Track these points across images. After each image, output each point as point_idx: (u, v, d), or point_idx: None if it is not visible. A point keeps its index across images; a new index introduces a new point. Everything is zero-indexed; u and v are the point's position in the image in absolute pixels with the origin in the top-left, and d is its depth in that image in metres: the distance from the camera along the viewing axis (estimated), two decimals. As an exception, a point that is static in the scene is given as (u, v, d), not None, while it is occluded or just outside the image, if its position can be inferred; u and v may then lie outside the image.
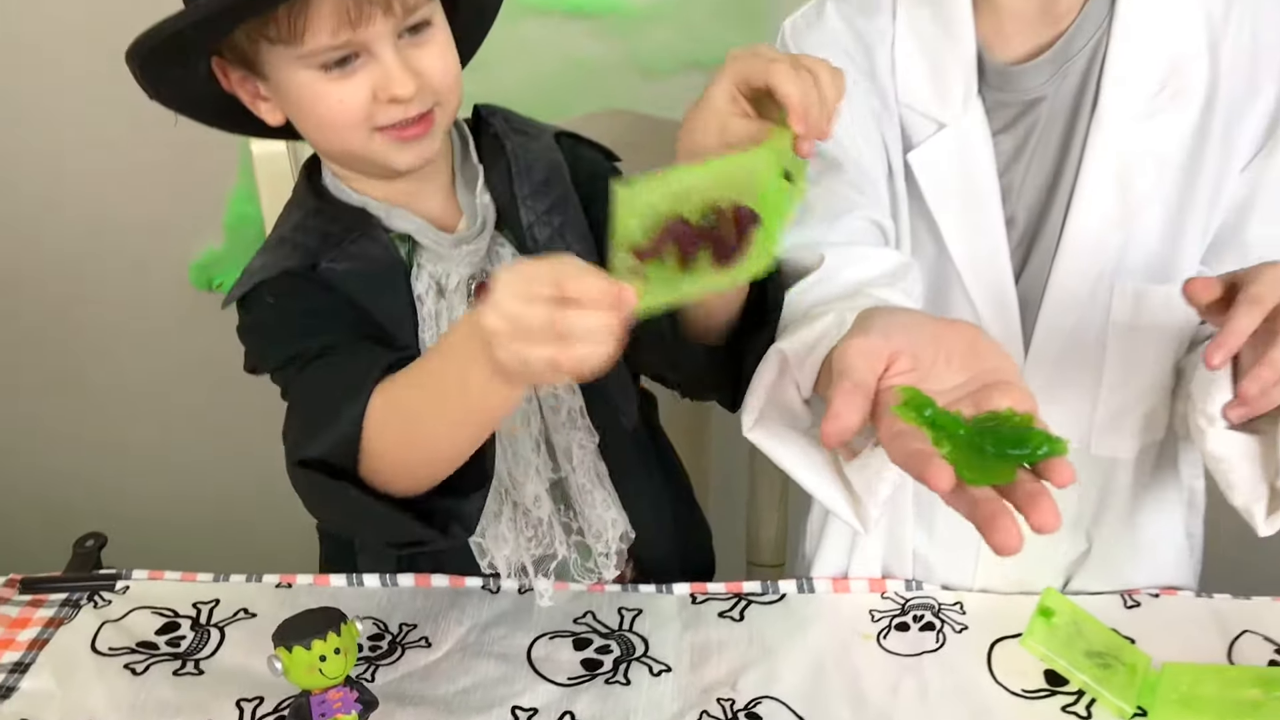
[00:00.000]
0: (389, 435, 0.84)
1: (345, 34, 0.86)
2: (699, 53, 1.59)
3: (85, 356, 1.87)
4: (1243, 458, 0.91)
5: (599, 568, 1.05)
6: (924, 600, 1.03)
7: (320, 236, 0.96)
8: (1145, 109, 0.98)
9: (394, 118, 0.90)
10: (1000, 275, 1.02)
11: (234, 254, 1.79)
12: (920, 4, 1.01)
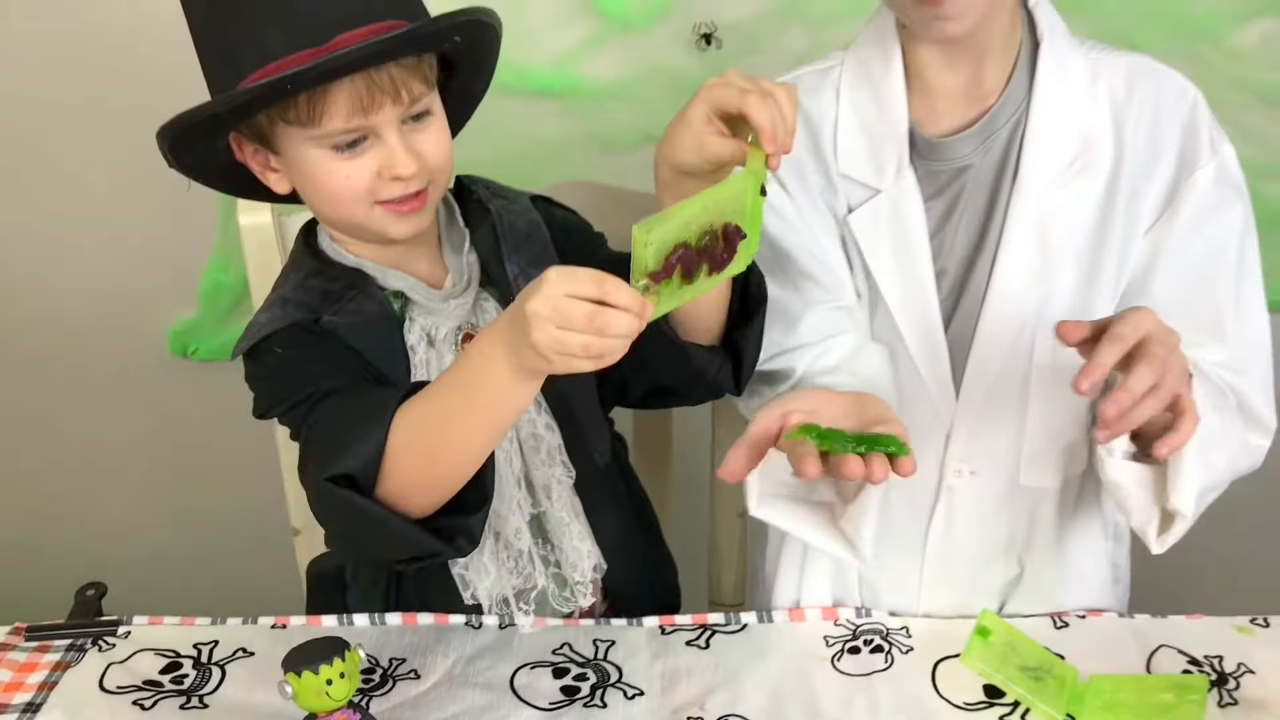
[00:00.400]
0: (413, 450, 0.94)
1: (358, 119, 0.96)
2: (655, 129, 1.66)
3: (63, 420, 1.92)
4: (1137, 485, 1.03)
5: (575, 596, 1.14)
6: (873, 626, 1.13)
7: (321, 294, 1.05)
8: (1059, 178, 1.10)
9: (395, 193, 1.00)
10: (931, 324, 1.13)
11: (209, 322, 1.86)
12: (860, 87, 1.14)
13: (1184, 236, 1.11)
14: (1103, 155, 1.10)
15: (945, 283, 1.14)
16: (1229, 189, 1.12)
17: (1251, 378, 1.12)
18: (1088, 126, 1.11)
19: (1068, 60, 1.11)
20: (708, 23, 1.64)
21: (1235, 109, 1.64)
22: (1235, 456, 1.09)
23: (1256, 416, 1.12)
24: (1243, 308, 1.11)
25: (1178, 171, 1.11)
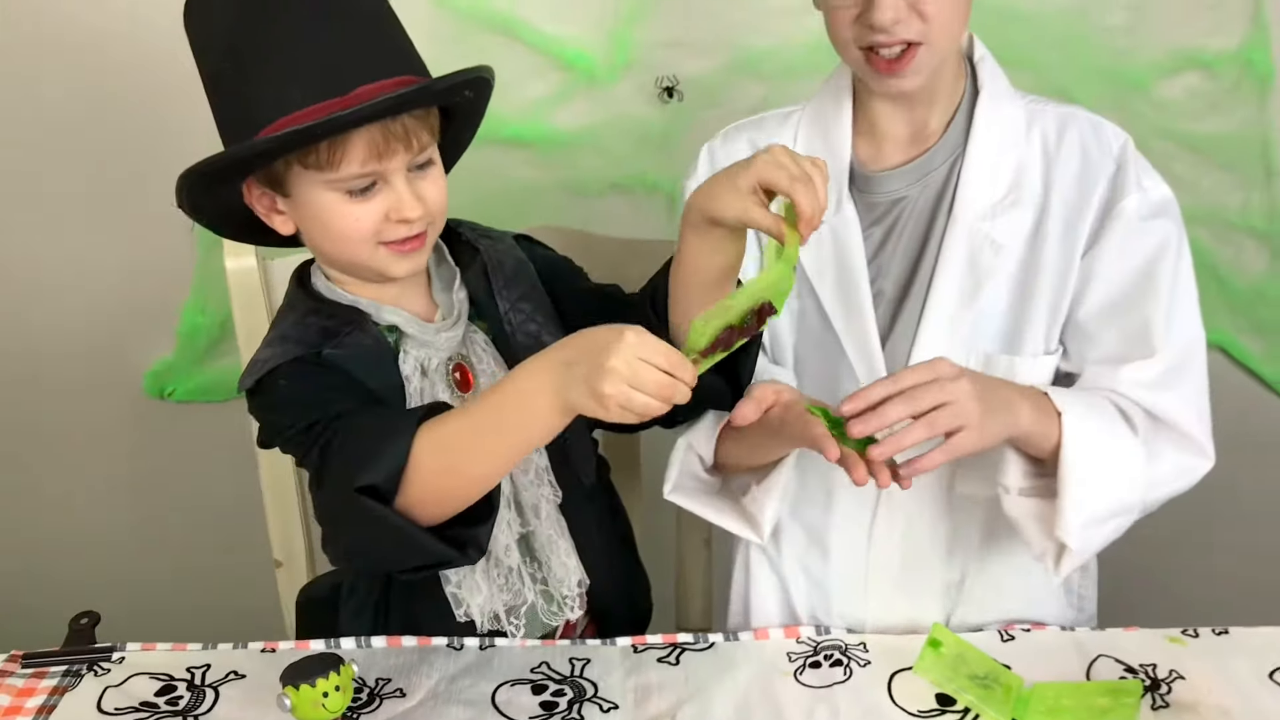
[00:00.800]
0: (436, 466, 1.00)
1: (372, 165, 1.04)
2: (620, 176, 1.79)
3: (41, 456, 1.96)
4: (1030, 518, 1.14)
5: (563, 610, 1.20)
6: (832, 642, 1.20)
7: (319, 331, 1.12)
8: (992, 211, 1.21)
9: (399, 235, 1.07)
10: (869, 339, 1.23)
11: (186, 363, 1.91)
12: (814, 131, 1.27)
13: (1113, 259, 1.20)
14: (1032, 192, 1.21)
15: (882, 302, 1.24)
16: (1158, 217, 1.21)
17: (1179, 392, 1.18)
18: (1019, 166, 1.22)
19: (1004, 108, 1.22)
20: (669, 77, 1.73)
21: (1163, 157, 1.73)
22: (1156, 481, 1.16)
23: (1186, 435, 1.18)
24: (1173, 323, 1.19)
25: (1108, 203, 1.20)
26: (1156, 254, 1.20)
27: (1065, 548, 1.12)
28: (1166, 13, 1.70)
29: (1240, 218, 1.79)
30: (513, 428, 1.00)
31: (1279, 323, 1.84)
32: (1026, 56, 1.69)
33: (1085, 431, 1.12)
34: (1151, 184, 1.21)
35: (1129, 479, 1.14)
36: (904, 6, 1.11)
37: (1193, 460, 1.19)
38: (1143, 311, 1.19)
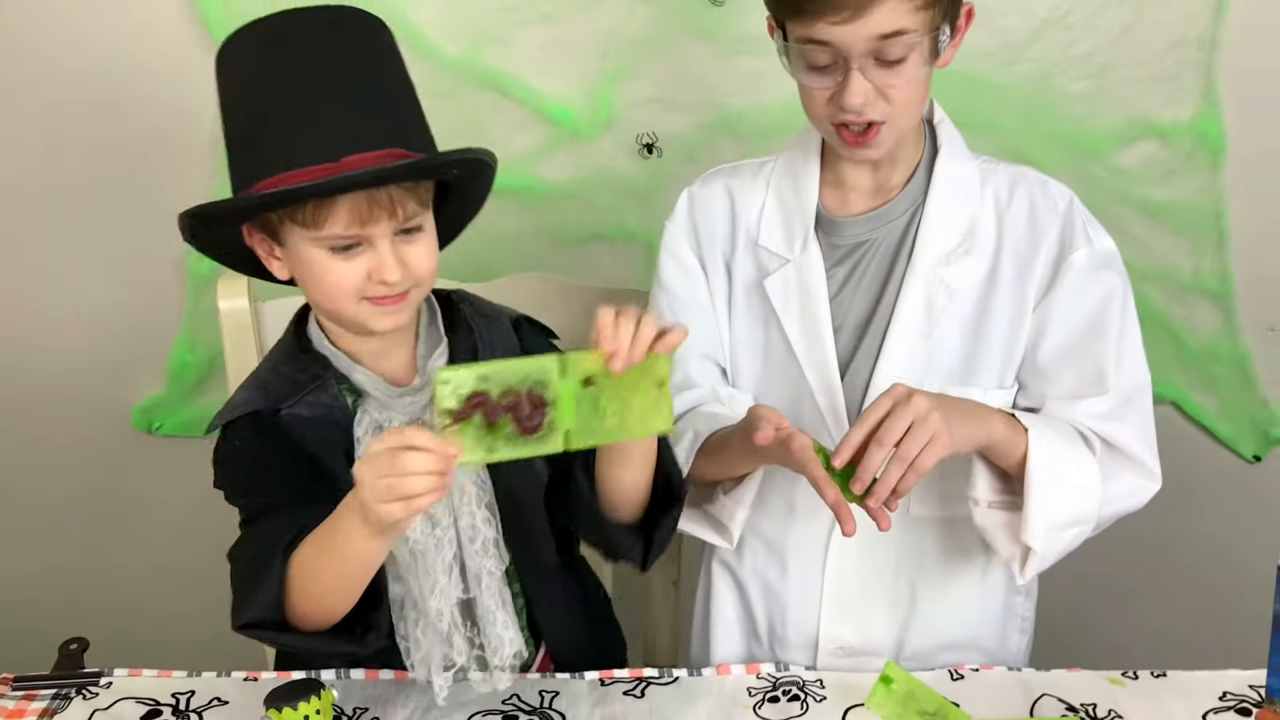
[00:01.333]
0: (300, 588, 1.09)
1: (355, 229, 1.09)
2: (602, 226, 1.86)
3: (30, 485, 1.99)
4: (999, 528, 1.24)
5: (494, 680, 1.21)
6: (790, 679, 1.25)
7: (289, 382, 1.18)
8: (947, 258, 1.30)
9: (379, 293, 1.13)
10: (829, 370, 1.31)
11: (174, 399, 1.96)
12: (785, 180, 1.37)
13: (1066, 308, 1.29)
14: (985, 243, 1.31)
15: (843, 337, 1.32)
16: (1105, 268, 1.30)
17: (1130, 423, 1.28)
18: (973, 219, 1.31)
19: (961, 167, 1.32)
20: (650, 134, 1.80)
21: (1120, 220, 1.82)
22: (1110, 498, 1.26)
23: (1137, 461, 1.29)
24: (1122, 364, 1.29)
25: (1057, 256, 1.30)
26: (1105, 302, 1.29)
27: (1030, 551, 1.22)
28: (1125, 84, 1.78)
29: (1193, 280, 1.87)
30: (339, 550, 1.06)
31: (1230, 380, 1.91)
32: (991, 122, 1.77)
33: (1049, 445, 1.21)
34: (1097, 237, 1.31)
35: (1087, 491, 1.24)
36: (872, 91, 1.20)
37: (1143, 482, 1.30)
38: (1095, 354, 1.29)
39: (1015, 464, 1.22)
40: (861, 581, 1.36)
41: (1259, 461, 1.94)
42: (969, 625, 1.38)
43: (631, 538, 1.20)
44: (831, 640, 1.36)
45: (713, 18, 1.74)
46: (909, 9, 1.17)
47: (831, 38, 1.18)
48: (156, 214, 1.82)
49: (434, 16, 1.73)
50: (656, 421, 1.05)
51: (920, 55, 1.20)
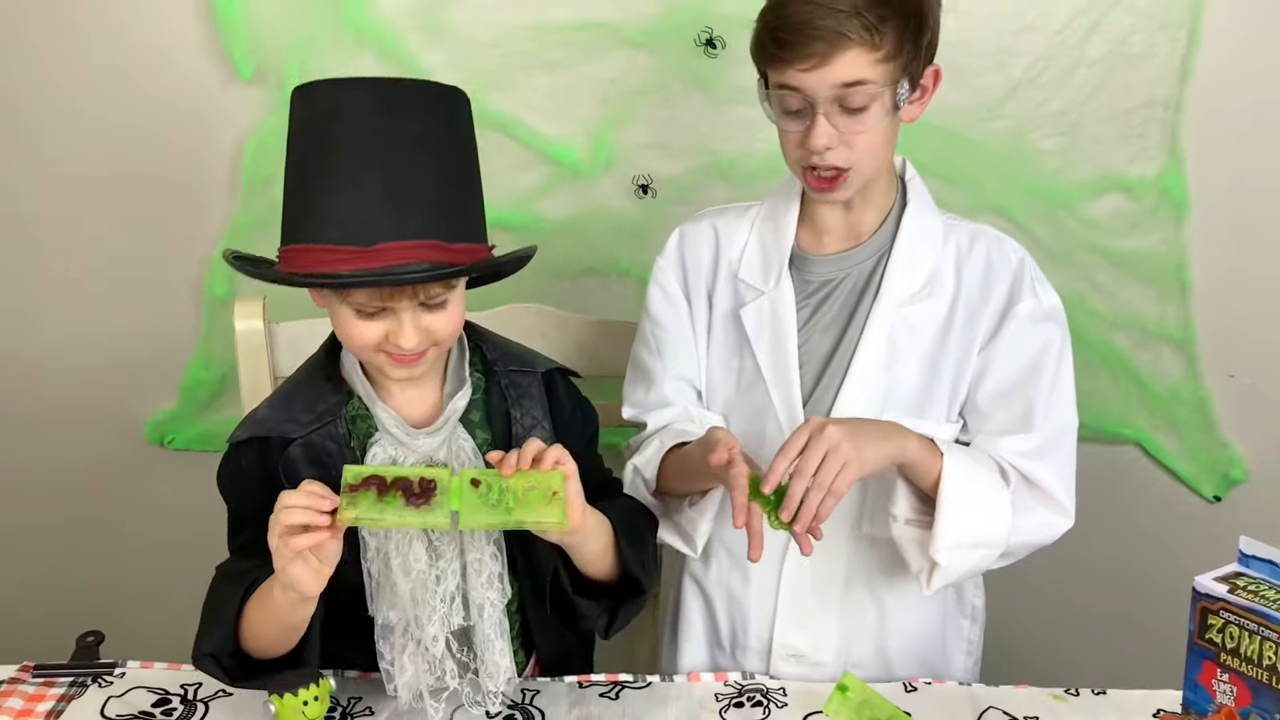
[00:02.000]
0: (249, 629, 1.21)
1: (377, 304, 1.18)
2: (596, 261, 1.96)
3: (49, 490, 2.08)
4: (911, 543, 1.34)
5: (485, 702, 1.28)
6: (755, 686, 1.35)
7: (306, 409, 1.27)
8: (910, 299, 1.41)
9: (396, 351, 1.20)
10: (793, 396, 1.42)
11: (187, 414, 2.04)
12: (767, 221, 1.49)
13: (1006, 353, 1.40)
14: (945, 289, 1.42)
15: (808, 367, 1.43)
16: (1046, 320, 1.41)
17: (1049, 462, 1.38)
18: (935, 267, 1.43)
19: (927, 220, 1.44)
20: (645, 175, 1.91)
21: (1088, 269, 1.92)
22: (1021, 529, 1.35)
23: (1052, 498, 1.38)
24: (1051, 408, 1.39)
25: (1005, 306, 1.41)
26: (1042, 351, 1.40)
27: (936, 565, 1.32)
28: (1094, 141, 1.88)
29: (1158, 327, 1.95)
30: (269, 601, 1.18)
31: (1192, 423, 1.99)
32: (968, 174, 1.87)
33: (962, 470, 1.32)
34: (1043, 293, 1.42)
35: (996, 517, 1.34)
36: (835, 136, 1.31)
37: (1056, 518, 1.39)
38: (1027, 396, 1.39)
39: (930, 484, 1.32)
40: (814, 592, 1.46)
41: (1219, 501, 2.02)
42: (910, 639, 1.48)
43: (597, 610, 1.30)
44: (784, 646, 1.46)
45: (707, 69, 1.85)
46: (869, 60, 1.29)
47: (800, 84, 1.30)
48: (175, 239, 1.96)
49: (445, 61, 1.84)
50: (549, 518, 1.16)
51: (881, 106, 1.31)
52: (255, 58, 1.86)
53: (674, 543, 1.44)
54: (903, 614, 1.48)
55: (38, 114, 1.91)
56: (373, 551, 1.25)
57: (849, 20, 1.27)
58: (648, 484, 1.45)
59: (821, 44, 1.27)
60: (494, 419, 1.32)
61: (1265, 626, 1.09)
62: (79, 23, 1.87)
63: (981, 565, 1.36)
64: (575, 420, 1.39)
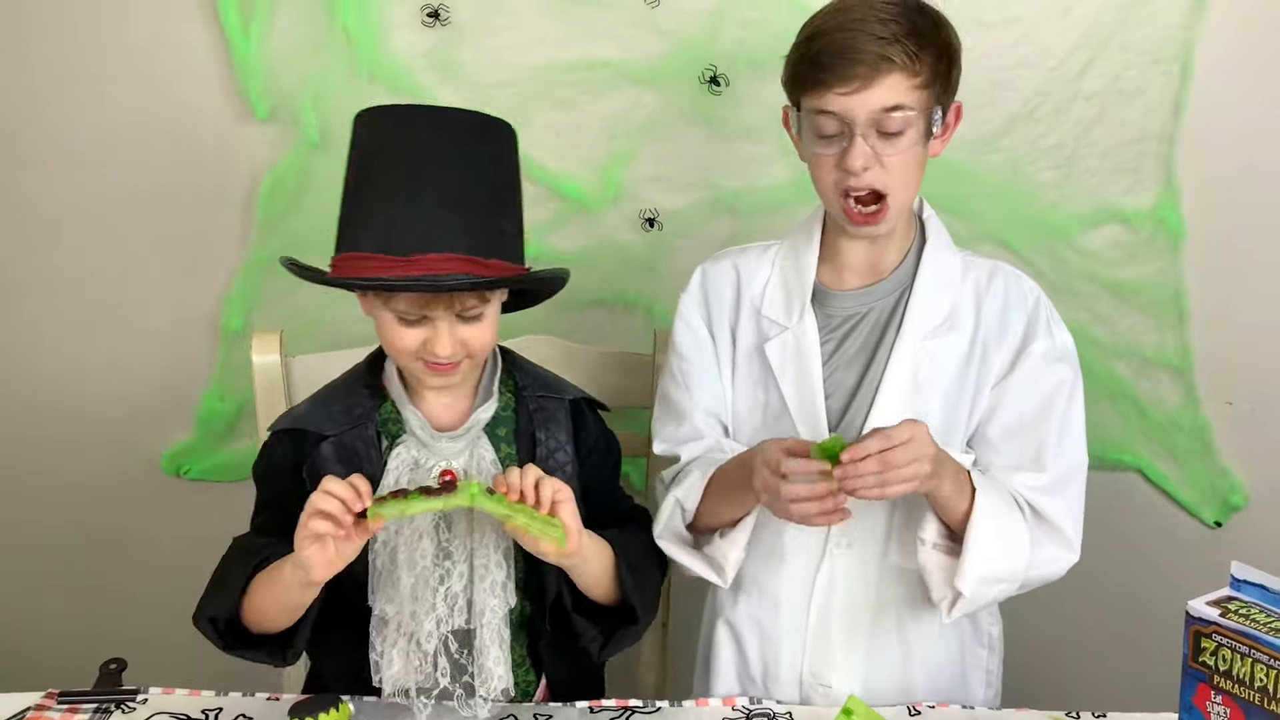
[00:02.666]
0: (252, 604, 1.31)
1: (417, 311, 1.27)
2: (605, 293, 2.00)
3: (63, 525, 2.12)
4: (937, 568, 1.36)
5: (474, 708, 1.33)
6: (762, 710, 1.38)
7: (342, 411, 1.36)
8: (932, 333, 1.44)
9: (432, 359, 1.30)
10: (819, 427, 1.45)
11: (202, 445, 2.08)
12: (788, 258, 1.52)
13: (1018, 391, 1.43)
14: (965, 324, 1.45)
15: (834, 399, 1.46)
16: (1059, 361, 1.44)
17: (1060, 500, 1.41)
18: (955, 302, 1.46)
19: (945, 257, 1.48)
20: (652, 209, 1.95)
21: (1088, 298, 1.96)
22: (1035, 563, 1.39)
23: (1062, 535, 1.41)
24: (1062, 447, 1.42)
25: (1020, 344, 1.44)
26: (1054, 390, 1.43)
27: (960, 596, 1.35)
28: (1090, 174, 1.92)
29: (1157, 355, 1.99)
30: (277, 579, 1.27)
31: (1192, 450, 2.02)
32: (967, 207, 1.91)
33: (993, 506, 1.35)
34: (1058, 332, 1.45)
35: (1017, 553, 1.38)
36: (872, 157, 1.36)
37: (1064, 553, 1.42)
38: (1038, 436, 1.42)
39: (958, 518, 1.35)
40: (841, 621, 1.48)
41: (1219, 527, 2.04)
42: (933, 671, 1.50)
43: (593, 630, 1.36)
44: (814, 676, 1.48)
45: (712, 106, 1.90)
46: (909, 86, 1.34)
47: (840, 107, 1.35)
48: (193, 274, 2.00)
49: (456, 100, 1.87)
50: (551, 531, 1.24)
51: (916, 132, 1.36)
52: (270, 97, 1.91)
53: (704, 573, 1.45)
54: (924, 645, 1.49)
55: (58, 151, 1.96)
56: (379, 544, 1.32)
57: (891, 45, 1.32)
58: (686, 515, 1.47)
59: (864, 67, 1.32)
60: (520, 438, 1.40)
61: (1256, 649, 1.12)
62: (97, 63, 1.92)
63: (1000, 597, 1.40)
64: (599, 450, 1.47)
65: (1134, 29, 1.86)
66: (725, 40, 1.85)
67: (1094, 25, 1.86)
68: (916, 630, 1.49)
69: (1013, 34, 1.87)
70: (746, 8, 1.84)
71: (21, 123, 1.95)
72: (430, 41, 1.88)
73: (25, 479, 2.10)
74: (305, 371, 1.67)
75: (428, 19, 1.87)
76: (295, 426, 1.37)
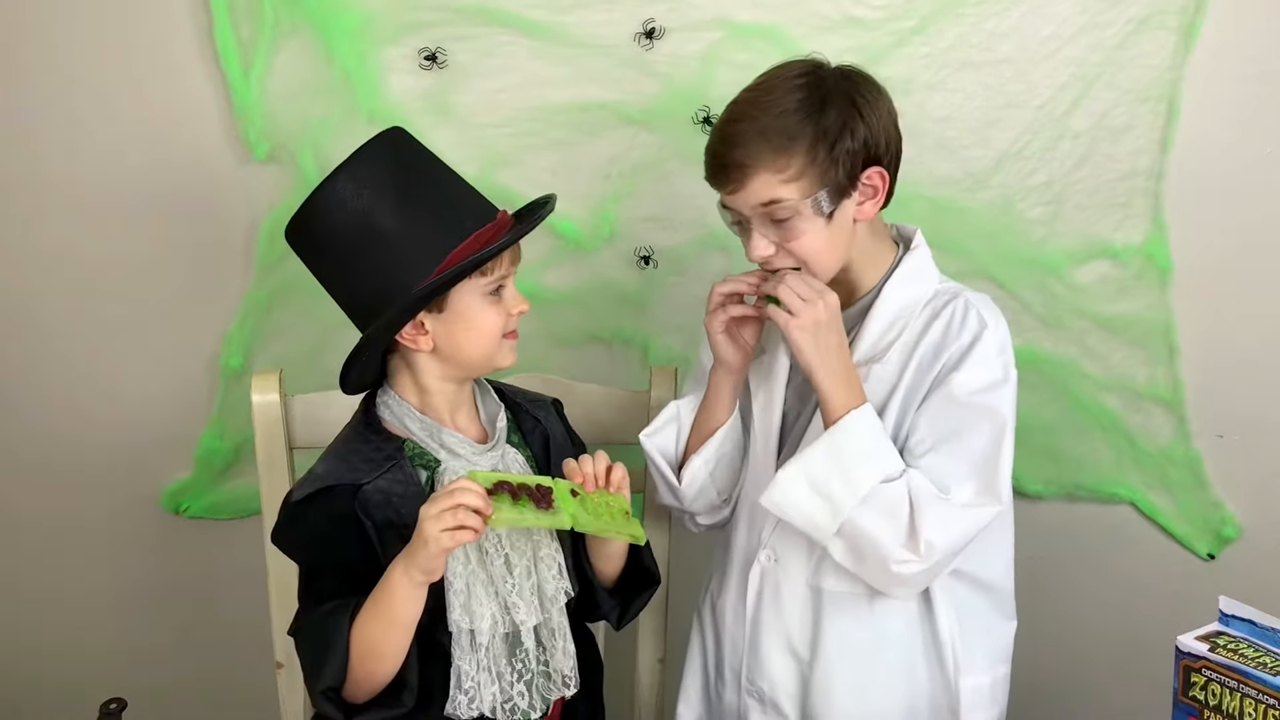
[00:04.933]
0: (359, 655, 1.30)
1: (506, 269, 1.39)
2: (600, 330, 2.02)
3: (67, 557, 2.12)
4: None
5: (559, 687, 1.41)
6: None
7: (366, 460, 1.37)
8: (865, 360, 1.47)
9: (511, 326, 1.41)
10: (771, 442, 1.54)
11: (202, 483, 2.08)
12: None
13: (931, 418, 1.44)
14: (904, 351, 1.47)
15: (790, 414, 1.53)
16: (981, 396, 1.42)
17: (936, 517, 1.37)
18: (903, 330, 1.48)
19: (910, 289, 1.50)
20: (645, 247, 1.97)
21: (1078, 332, 1.98)
22: (870, 523, 1.38)
23: (918, 533, 1.37)
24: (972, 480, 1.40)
25: (941, 372, 1.44)
26: (971, 421, 1.42)
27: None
28: (1079, 210, 1.94)
29: (1148, 389, 2.00)
30: (385, 607, 1.29)
31: (1184, 482, 2.03)
32: (957, 243, 1.93)
33: (857, 427, 1.39)
34: (997, 367, 1.44)
35: (850, 485, 1.38)
36: (772, 246, 1.43)
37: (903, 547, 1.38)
38: (950, 467, 1.41)
39: (827, 424, 1.40)
40: (772, 631, 1.52)
41: (1213, 560, 2.05)
42: (862, 706, 1.50)
43: (611, 601, 1.46)
44: (749, 683, 1.54)
45: (704, 145, 1.91)
46: (778, 181, 1.40)
47: (730, 204, 1.45)
48: (192, 314, 2.01)
49: (454, 140, 1.90)
50: (635, 531, 1.35)
51: (806, 217, 1.41)
52: (270, 139, 1.93)
53: (666, 473, 1.58)
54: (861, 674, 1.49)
55: (59, 193, 1.98)
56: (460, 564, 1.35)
57: (752, 147, 1.40)
58: (682, 429, 1.60)
59: (734, 170, 1.41)
60: (531, 440, 1.50)
61: (1245, 684, 1.13)
62: (98, 104, 1.94)
63: (815, 518, 1.39)
64: (579, 444, 1.57)
65: (1121, 69, 1.89)
66: (717, 82, 1.87)
67: (1081, 65, 1.89)
68: (850, 658, 1.49)
69: (1001, 74, 1.90)
70: (737, 50, 1.87)
71: (21, 162, 1.97)
72: (427, 84, 1.91)
73: (25, 516, 2.11)
74: (305, 410, 1.68)
75: (425, 62, 1.90)
76: (324, 485, 1.35)
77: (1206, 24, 1.86)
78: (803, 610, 1.50)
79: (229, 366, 2.02)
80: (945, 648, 1.49)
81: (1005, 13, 1.88)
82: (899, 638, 1.49)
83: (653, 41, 1.89)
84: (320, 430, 1.60)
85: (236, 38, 1.89)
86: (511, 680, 1.37)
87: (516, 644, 1.38)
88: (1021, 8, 1.88)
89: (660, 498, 1.63)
